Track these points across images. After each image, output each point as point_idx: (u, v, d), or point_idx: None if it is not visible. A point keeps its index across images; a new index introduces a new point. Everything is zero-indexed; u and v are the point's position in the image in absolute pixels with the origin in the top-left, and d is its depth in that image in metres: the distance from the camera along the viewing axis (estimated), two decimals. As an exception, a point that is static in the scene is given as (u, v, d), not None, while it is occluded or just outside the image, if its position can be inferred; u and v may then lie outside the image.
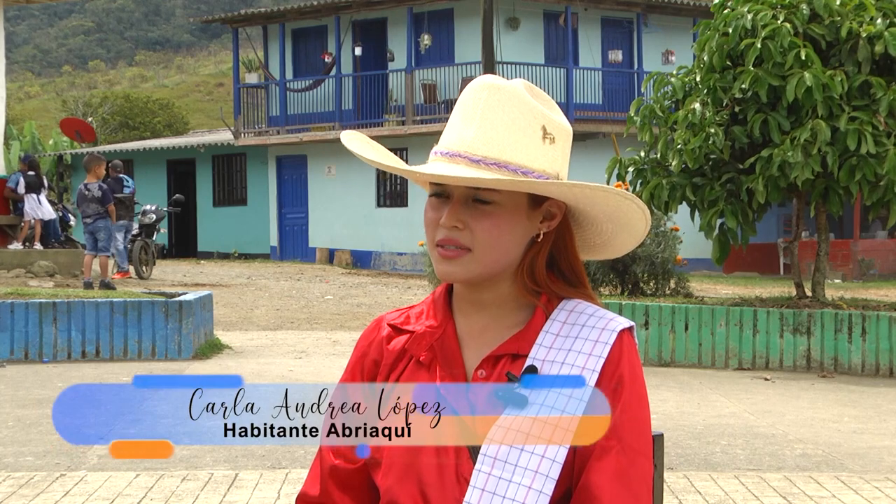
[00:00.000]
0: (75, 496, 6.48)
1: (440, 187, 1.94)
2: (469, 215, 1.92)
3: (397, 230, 28.71)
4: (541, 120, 1.94)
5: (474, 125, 1.92)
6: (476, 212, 1.91)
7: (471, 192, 1.92)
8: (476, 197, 1.92)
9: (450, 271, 1.93)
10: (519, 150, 1.92)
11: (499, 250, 1.93)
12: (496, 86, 1.94)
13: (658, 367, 11.69)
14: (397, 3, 28.98)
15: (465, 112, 1.95)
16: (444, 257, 1.93)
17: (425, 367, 1.99)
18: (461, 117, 1.95)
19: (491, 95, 1.93)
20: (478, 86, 1.96)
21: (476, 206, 1.92)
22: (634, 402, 1.92)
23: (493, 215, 1.91)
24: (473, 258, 1.92)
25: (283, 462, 7.24)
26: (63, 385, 10.03)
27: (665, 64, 27.90)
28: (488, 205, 1.91)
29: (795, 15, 11.75)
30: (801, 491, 6.78)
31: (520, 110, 1.93)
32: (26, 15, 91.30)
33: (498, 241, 1.92)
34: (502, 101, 1.93)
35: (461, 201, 1.92)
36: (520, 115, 1.93)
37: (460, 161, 1.91)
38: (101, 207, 18.28)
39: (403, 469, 1.94)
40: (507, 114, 1.92)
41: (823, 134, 11.25)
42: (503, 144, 1.91)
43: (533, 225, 1.96)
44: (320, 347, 13.40)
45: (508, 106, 1.93)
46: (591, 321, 1.96)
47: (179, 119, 58.74)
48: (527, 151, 1.92)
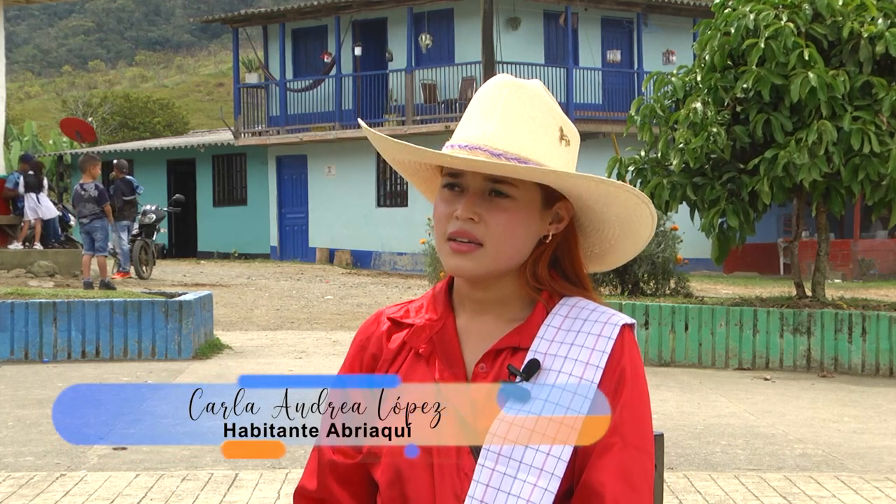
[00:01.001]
0: (75, 496, 6.47)
1: (455, 179, 1.93)
2: (485, 208, 1.91)
3: (397, 230, 28.70)
4: (559, 121, 1.96)
5: (495, 120, 1.92)
6: (493, 205, 1.91)
7: (488, 185, 1.91)
8: (494, 189, 1.91)
9: (461, 265, 1.92)
10: (538, 148, 1.92)
11: (511, 246, 1.92)
12: (517, 84, 1.95)
13: (658, 367, 11.69)
14: (397, 3, 28.97)
15: (484, 107, 1.94)
16: (455, 251, 1.92)
17: (424, 359, 1.98)
18: (480, 112, 1.94)
19: (512, 93, 1.94)
20: (498, 83, 1.96)
21: (493, 199, 1.91)
22: (636, 398, 1.92)
23: (509, 210, 1.91)
24: (486, 253, 1.91)
25: (283, 462, 7.23)
26: (63, 385, 10.03)
27: (665, 64, 27.88)
28: (506, 199, 1.91)
29: (798, 14, 11.74)
30: (801, 491, 6.78)
31: (540, 110, 1.94)
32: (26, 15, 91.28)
33: (511, 237, 1.92)
34: (523, 99, 1.93)
35: (478, 194, 1.92)
36: (539, 114, 1.94)
37: (480, 154, 1.90)
38: (97, 207, 18.26)
39: (402, 463, 1.94)
40: (527, 112, 1.93)
41: (830, 134, 11.25)
42: (523, 141, 1.91)
43: (543, 225, 1.96)
44: (320, 347, 13.40)
45: (529, 105, 1.93)
46: (593, 315, 1.96)
47: (179, 119, 58.74)
48: (545, 150, 1.93)
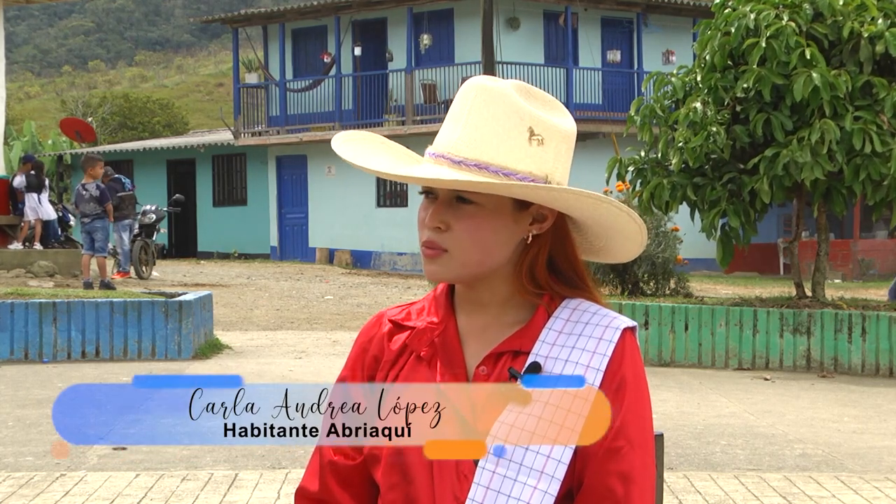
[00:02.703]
0: (75, 496, 6.47)
1: (427, 187, 1.95)
2: (452, 215, 1.92)
3: (397, 230, 28.69)
4: (528, 121, 1.92)
5: (460, 126, 1.92)
6: (458, 212, 1.92)
7: (454, 192, 1.92)
8: (458, 197, 1.92)
9: (432, 270, 1.95)
10: (502, 151, 1.91)
11: (479, 251, 1.92)
12: (484, 86, 1.94)
13: (658, 367, 11.69)
14: (397, 3, 28.97)
15: (453, 112, 1.95)
16: (426, 257, 1.95)
17: (426, 362, 1.98)
18: (451, 117, 1.95)
19: (478, 96, 1.93)
20: (468, 87, 1.96)
21: (459, 206, 1.92)
22: (639, 401, 1.92)
23: (474, 216, 1.91)
24: (451, 258, 1.92)
25: (283, 462, 7.23)
26: (63, 385, 10.02)
27: (665, 64, 27.87)
28: (470, 205, 1.91)
29: (799, 14, 11.74)
30: (801, 491, 6.78)
31: (504, 111, 1.92)
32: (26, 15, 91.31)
33: (477, 242, 1.91)
34: (487, 101, 1.92)
35: (445, 202, 1.93)
36: (504, 115, 1.92)
37: (443, 162, 1.91)
38: (98, 207, 18.30)
39: (403, 465, 1.94)
40: (490, 114, 1.91)
41: (832, 134, 11.24)
42: (485, 145, 1.90)
43: (521, 227, 1.95)
44: (320, 347, 13.40)
45: (493, 106, 1.92)
46: (594, 319, 1.95)
47: (179, 119, 58.76)
48: (511, 153, 1.91)
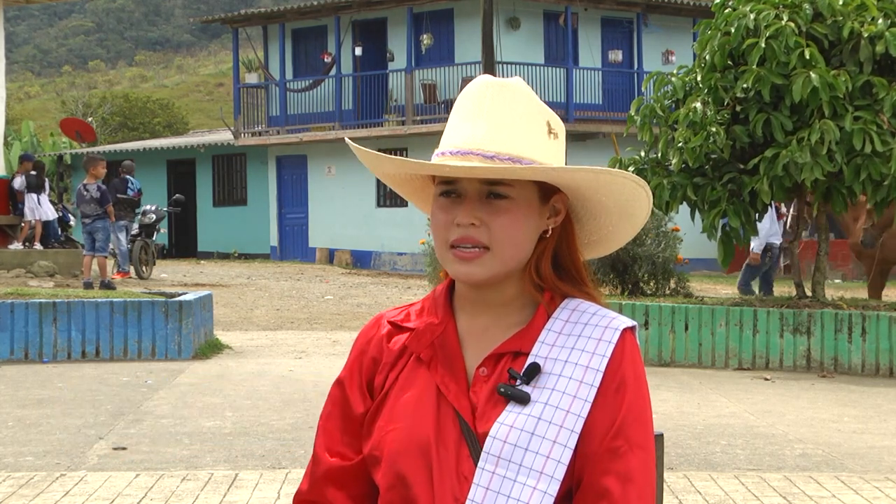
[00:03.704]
0: (75, 496, 6.47)
1: (451, 186, 1.92)
2: (486, 212, 1.90)
3: (397, 230, 28.70)
4: (545, 115, 1.96)
5: (482, 123, 1.91)
6: (492, 208, 1.90)
7: (485, 188, 1.91)
8: (492, 192, 1.91)
9: (470, 272, 1.91)
10: (530, 145, 1.92)
11: (516, 246, 1.92)
12: (500, 83, 1.95)
13: (658, 367, 11.68)
14: (397, 3, 28.97)
15: (468, 111, 1.94)
16: (461, 258, 1.91)
17: (425, 364, 1.98)
18: (464, 116, 1.94)
19: (497, 93, 1.93)
20: (480, 84, 1.95)
21: (491, 202, 1.91)
22: (638, 401, 1.92)
23: (509, 211, 1.91)
24: (493, 256, 1.90)
25: (282, 462, 7.23)
26: (63, 385, 10.02)
27: (665, 64, 27.88)
28: (504, 200, 1.91)
29: (798, 14, 11.74)
30: (801, 491, 6.78)
31: (526, 106, 1.94)
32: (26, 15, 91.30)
33: (515, 237, 1.91)
34: (508, 98, 1.93)
35: (476, 198, 1.91)
36: (526, 110, 1.93)
37: (473, 158, 1.89)
38: (99, 208, 18.34)
39: (402, 466, 1.93)
40: (514, 110, 1.92)
41: (832, 134, 11.24)
42: (514, 140, 1.91)
43: (542, 221, 1.96)
44: (320, 347, 13.40)
45: (514, 102, 1.93)
46: (594, 320, 1.95)
47: (179, 119, 58.78)
48: (537, 146, 1.92)
